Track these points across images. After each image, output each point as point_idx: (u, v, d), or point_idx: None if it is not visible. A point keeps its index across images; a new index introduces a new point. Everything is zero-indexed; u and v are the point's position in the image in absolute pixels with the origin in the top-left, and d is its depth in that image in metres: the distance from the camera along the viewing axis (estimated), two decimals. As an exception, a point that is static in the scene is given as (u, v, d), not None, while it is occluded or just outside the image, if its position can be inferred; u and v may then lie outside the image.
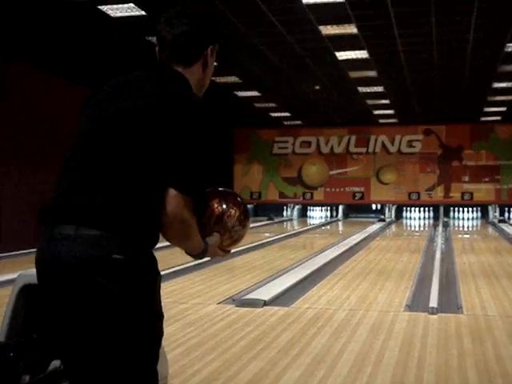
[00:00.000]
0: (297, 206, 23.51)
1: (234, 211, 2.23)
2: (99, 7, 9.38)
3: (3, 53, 11.96)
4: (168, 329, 5.43)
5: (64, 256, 1.91)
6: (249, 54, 12.55)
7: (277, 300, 6.70)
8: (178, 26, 2.13)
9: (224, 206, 2.22)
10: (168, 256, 11.25)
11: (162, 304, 2.10)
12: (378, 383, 3.97)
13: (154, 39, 2.17)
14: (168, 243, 2.13)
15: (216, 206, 2.21)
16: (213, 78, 9.20)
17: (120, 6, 9.37)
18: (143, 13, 9.61)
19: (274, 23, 10.35)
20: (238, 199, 2.30)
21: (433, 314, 6.06)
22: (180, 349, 4.78)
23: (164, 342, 4.20)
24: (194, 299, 6.89)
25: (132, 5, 9.33)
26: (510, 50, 11.98)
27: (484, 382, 4.01)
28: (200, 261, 3.93)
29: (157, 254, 2.05)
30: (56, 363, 3.04)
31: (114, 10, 9.56)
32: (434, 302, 6.47)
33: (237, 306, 6.40)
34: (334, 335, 5.24)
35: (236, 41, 11.47)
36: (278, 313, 6.16)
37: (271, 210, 22.61)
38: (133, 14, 9.69)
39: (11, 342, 3.08)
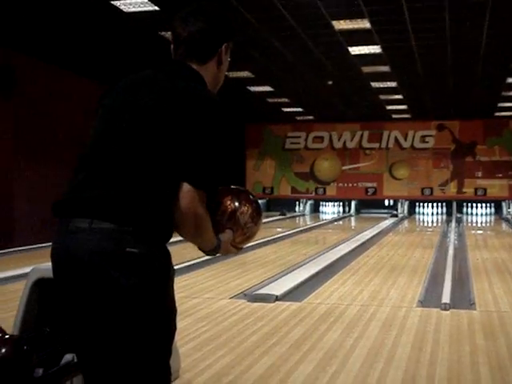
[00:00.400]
0: (309, 202, 23.49)
1: (246, 208, 2.24)
2: (112, 2, 9.39)
3: (15, 47, 12.00)
4: (180, 323, 5.44)
5: (78, 249, 1.93)
6: (261, 49, 12.54)
7: (289, 295, 6.70)
8: (193, 23, 2.16)
9: (236, 204, 2.23)
10: (181, 250, 11.29)
11: (175, 298, 2.11)
12: (389, 379, 3.97)
13: (167, 34, 2.19)
14: (176, 239, 2.14)
15: (229, 203, 2.22)
16: (225, 73, 9.12)
17: (133, 0, 9.38)
18: (156, 8, 9.61)
19: (287, 18, 10.33)
20: (251, 197, 2.32)
21: (445, 309, 6.05)
22: (192, 343, 4.80)
23: (176, 337, 4.22)
24: (207, 294, 6.91)
25: (145, 0, 9.34)
26: (524, 44, 11.89)
27: (497, 378, 3.99)
28: (212, 256, 3.94)
29: (170, 249, 2.06)
30: (69, 357, 3.06)
31: (127, 5, 9.57)
32: (446, 298, 6.45)
33: (249, 301, 6.41)
34: (345, 331, 5.23)
35: (248, 36, 11.46)
36: (290, 308, 6.16)
37: (283, 205, 22.60)
38: (146, 9, 9.69)
39: (25, 336, 3.11)
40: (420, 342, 4.88)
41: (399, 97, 18.07)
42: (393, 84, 16.06)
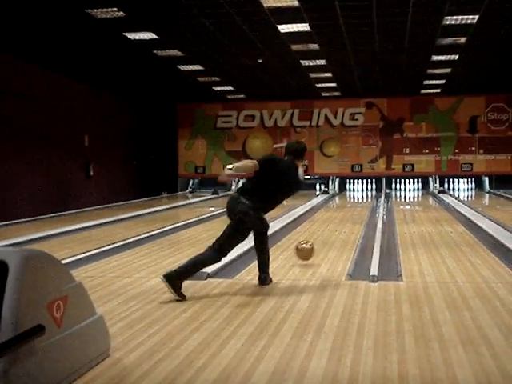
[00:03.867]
0: (241, 180, 23.52)
1: None
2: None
3: None
4: (110, 303, 5.42)
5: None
6: (191, 27, 12.42)
7: (220, 272, 6.73)
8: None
9: None
10: (112, 231, 11.20)
11: (104, 280, 2.10)
12: (318, 350, 4.05)
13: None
14: (112, 219, 2.12)
15: None
16: (154, 52, 9.25)
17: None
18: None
19: (215, -5, 10.26)
20: None
21: (373, 281, 6.20)
22: (122, 322, 4.77)
23: (106, 317, 4.22)
24: (138, 273, 6.88)
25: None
26: (447, 23, 12.16)
27: (421, 346, 4.12)
28: (143, 235, 3.90)
29: (100, 230, 2.06)
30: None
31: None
32: (374, 271, 6.61)
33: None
34: (276, 305, 5.30)
35: (177, 14, 11.34)
36: (222, 285, 6.20)
37: (216, 185, 22.56)
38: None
39: None
40: (348, 313, 4.99)
41: (328, 75, 18.24)
42: (322, 62, 16.18)
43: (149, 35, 12.94)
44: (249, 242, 6.45)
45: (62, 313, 3.45)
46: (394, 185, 23.01)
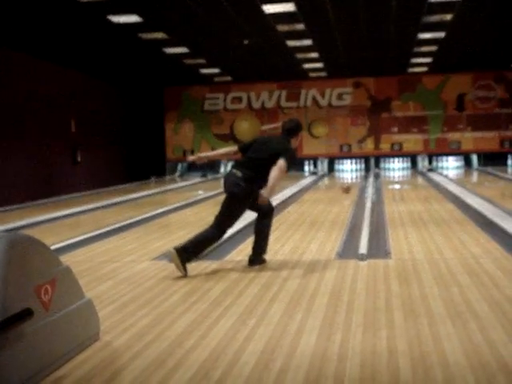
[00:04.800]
0: (230, 162, 23.50)
1: None
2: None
3: None
4: (100, 287, 5.42)
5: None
6: (176, 9, 12.33)
7: (210, 253, 6.72)
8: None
9: None
10: (100, 216, 11.17)
11: (93, 264, 2.10)
12: (308, 327, 4.06)
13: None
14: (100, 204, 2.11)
15: None
16: (139, 35, 9.17)
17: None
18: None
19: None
20: None
21: (362, 260, 6.22)
22: (112, 306, 4.77)
23: (95, 301, 4.21)
24: (127, 257, 6.86)
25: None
26: (433, 0, 12.12)
27: (409, 321, 4.14)
28: (132, 220, 3.90)
29: (88, 216, 2.05)
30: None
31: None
32: (363, 249, 6.63)
33: (170, 262, 6.40)
34: (265, 285, 5.31)
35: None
36: (211, 266, 6.20)
37: (205, 168, 22.54)
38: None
39: None
40: (338, 291, 5.01)
41: (315, 55, 18.19)
42: (308, 42, 16.13)
43: (133, 18, 12.84)
44: (237, 223, 6.48)
45: (50, 296, 3.44)
46: (382, 164, 23.05)
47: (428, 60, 19.68)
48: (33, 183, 15.75)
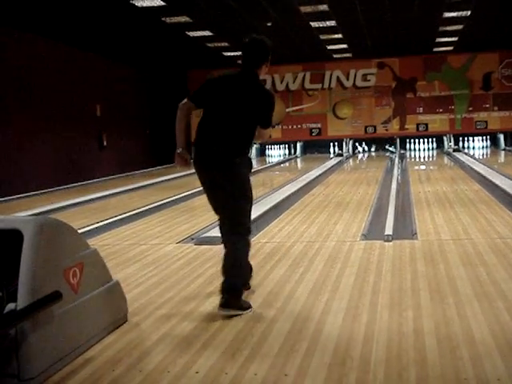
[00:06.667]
0: (255, 145, 23.49)
1: None
2: None
3: None
4: (127, 270, 5.47)
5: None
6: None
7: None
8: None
9: None
10: (127, 200, 11.25)
11: (120, 247, 2.13)
12: (334, 309, 4.07)
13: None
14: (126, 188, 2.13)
15: None
16: (163, 19, 9.10)
17: None
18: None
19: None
20: None
21: (388, 241, 6.20)
22: (139, 288, 4.82)
23: (123, 283, 4.26)
24: (154, 240, 6.92)
25: None
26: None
27: (436, 301, 4.14)
28: (159, 202, 3.96)
29: (116, 199, 2.09)
30: (12, 306, 3.05)
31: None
32: (389, 230, 6.61)
33: (196, 245, 6.45)
34: (291, 267, 5.33)
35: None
36: (237, 249, 6.21)
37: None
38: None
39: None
40: (363, 273, 5.01)
41: (339, 36, 18.04)
42: (332, 23, 16.00)
43: (156, 2, 12.84)
44: (263, 206, 6.50)
45: (78, 279, 3.49)
46: (408, 145, 22.87)
47: (454, 39, 19.41)
48: (60, 168, 15.88)
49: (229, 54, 20.37)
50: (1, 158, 13.37)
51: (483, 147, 22.64)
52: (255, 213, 8.26)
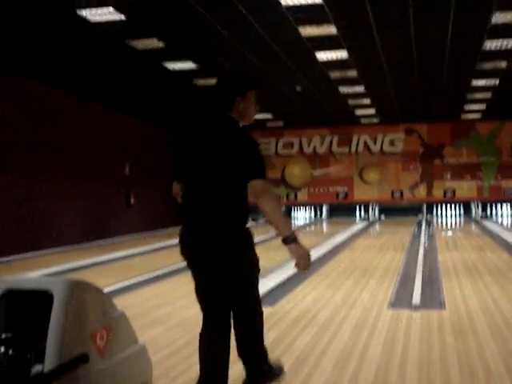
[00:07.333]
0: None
1: None
2: (78, 12, 9.35)
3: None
4: (151, 332, 5.45)
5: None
6: (230, 56, 12.56)
7: (262, 300, 6.69)
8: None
9: None
10: (152, 260, 11.28)
11: (146, 308, 2.12)
12: (361, 380, 4.00)
13: (133, 43, 2.24)
14: (151, 248, 2.15)
15: None
16: (194, 82, 9.26)
17: (99, 11, 9.35)
18: (122, 17, 9.60)
19: (254, 25, 10.37)
20: None
21: (415, 310, 6.12)
22: (164, 351, 4.79)
23: (148, 345, 4.23)
24: (179, 301, 6.89)
25: (111, 9, 9.31)
26: (487, 47, 12.07)
27: (466, 376, 4.05)
28: (183, 263, 3.96)
29: (140, 258, 2.08)
30: (39, 368, 3.04)
31: (94, 15, 9.53)
32: (416, 299, 6.53)
33: None
34: (317, 334, 5.27)
35: (216, 44, 11.48)
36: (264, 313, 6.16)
37: (256, 212, 22.54)
38: (112, 18, 9.66)
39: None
40: (391, 342, 4.93)
41: (367, 101, 18.23)
42: (360, 89, 16.19)
43: (188, 65, 13.12)
44: (288, 270, 6.42)
45: (105, 342, 3.48)
46: (435, 211, 22.75)
47: (482, 107, 19.51)
48: (87, 225, 16.01)
49: (257, 116, 20.57)
50: (31, 214, 13.53)
51: (511, 215, 22.44)
52: (280, 277, 8.26)
